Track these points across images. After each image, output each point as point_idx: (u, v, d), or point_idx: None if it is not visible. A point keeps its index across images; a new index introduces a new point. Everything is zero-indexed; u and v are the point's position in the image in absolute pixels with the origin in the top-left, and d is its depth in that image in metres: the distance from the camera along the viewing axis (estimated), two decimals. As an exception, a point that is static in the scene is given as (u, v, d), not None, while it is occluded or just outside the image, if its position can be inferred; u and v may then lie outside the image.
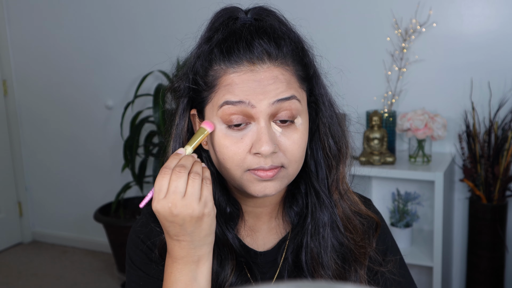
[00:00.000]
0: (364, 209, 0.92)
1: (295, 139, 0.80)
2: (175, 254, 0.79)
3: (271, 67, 0.78)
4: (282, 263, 0.91)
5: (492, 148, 2.28)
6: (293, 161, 0.81)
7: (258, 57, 0.77)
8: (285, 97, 0.78)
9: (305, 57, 0.83)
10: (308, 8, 2.61)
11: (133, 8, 3.07)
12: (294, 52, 0.81)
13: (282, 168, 0.81)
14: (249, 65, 0.77)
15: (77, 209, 3.51)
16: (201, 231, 0.77)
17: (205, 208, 0.76)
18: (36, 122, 3.54)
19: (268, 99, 0.77)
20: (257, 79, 0.77)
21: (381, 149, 2.29)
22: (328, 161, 0.87)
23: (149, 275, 0.89)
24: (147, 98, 2.99)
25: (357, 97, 2.52)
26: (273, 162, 0.79)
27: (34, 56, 3.44)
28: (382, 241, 0.95)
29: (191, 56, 0.85)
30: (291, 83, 0.79)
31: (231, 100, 0.78)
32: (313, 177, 0.88)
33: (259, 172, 0.80)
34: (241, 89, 0.77)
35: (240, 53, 0.77)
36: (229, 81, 0.78)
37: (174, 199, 0.75)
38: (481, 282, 2.30)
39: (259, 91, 0.77)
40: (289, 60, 0.80)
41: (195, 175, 0.76)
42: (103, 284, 3.04)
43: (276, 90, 0.78)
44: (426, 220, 2.52)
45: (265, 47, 0.78)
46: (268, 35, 0.79)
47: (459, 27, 2.38)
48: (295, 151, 0.81)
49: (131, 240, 0.92)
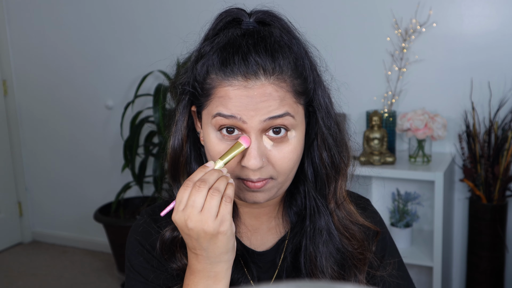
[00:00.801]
0: (361, 220, 0.91)
1: (286, 152, 0.80)
2: (193, 267, 0.80)
3: (265, 83, 0.77)
4: (281, 263, 0.91)
5: (492, 148, 2.27)
6: (282, 173, 0.81)
7: (253, 73, 0.76)
8: (277, 115, 0.77)
9: (305, 70, 0.81)
10: (308, 8, 2.61)
11: (133, 8, 3.07)
12: (292, 65, 0.79)
13: (270, 180, 0.81)
14: (243, 80, 0.77)
15: (77, 209, 3.51)
16: (216, 248, 0.77)
17: (220, 226, 0.75)
18: (36, 122, 3.54)
19: (260, 116, 0.77)
20: (250, 95, 0.76)
21: (381, 149, 2.29)
22: (326, 171, 0.86)
23: (148, 280, 0.88)
24: (147, 98, 2.99)
25: (357, 97, 2.52)
26: (261, 175, 0.80)
27: (34, 56, 3.44)
28: (381, 246, 0.95)
29: (193, 56, 0.85)
30: (286, 99, 0.78)
31: (223, 113, 0.78)
32: (310, 185, 0.87)
33: (247, 182, 0.81)
34: (234, 104, 0.77)
35: (235, 66, 0.77)
36: (223, 93, 0.78)
37: (190, 213, 0.75)
38: (481, 282, 2.30)
39: (251, 107, 0.77)
40: (286, 75, 0.78)
41: (214, 191, 0.75)
42: (103, 284, 3.04)
43: (268, 107, 0.77)
44: (426, 220, 2.52)
45: (261, 63, 0.76)
46: (266, 47, 0.78)
47: (459, 27, 2.38)
48: (285, 164, 0.80)
49: (129, 243, 0.92)
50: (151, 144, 2.90)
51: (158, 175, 2.72)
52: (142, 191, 2.92)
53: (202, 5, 2.91)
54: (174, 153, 0.87)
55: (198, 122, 0.86)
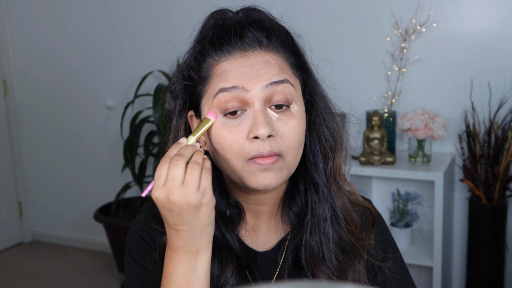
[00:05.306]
0: (361, 200, 0.94)
1: (292, 124, 0.81)
2: (174, 244, 0.79)
3: (262, 52, 0.80)
4: (282, 263, 0.91)
5: (492, 148, 2.28)
6: (291, 148, 0.81)
7: (249, 45, 0.80)
8: (278, 80, 0.80)
9: (295, 47, 0.85)
10: (308, 8, 2.61)
11: (133, 8, 3.07)
12: (284, 42, 0.83)
13: (280, 158, 0.81)
14: (241, 52, 0.79)
15: (77, 209, 3.51)
16: (199, 221, 0.76)
17: (203, 197, 0.75)
18: (36, 122, 3.54)
19: (261, 82, 0.79)
20: (249, 64, 0.79)
21: (381, 149, 2.29)
22: (325, 152, 0.88)
23: (149, 270, 0.89)
24: (147, 98, 3.00)
25: (357, 97, 2.52)
26: (271, 147, 0.79)
27: (34, 56, 3.44)
28: (383, 247, 0.95)
29: (185, 56, 0.87)
30: (283, 67, 0.81)
31: (225, 87, 0.79)
32: (312, 168, 0.88)
33: (258, 159, 0.79)
34: (234, 74, 0.79)
35: (231, 42, 0.79)
36: (222, 69, 0.80)
37: (172, 186, 0.74)
38: (481, 282, 2.30)
39: (252, 75, 0.78)
40: (280, 48, 0.82)
41: (194, 164, 0.75)
42: (103, 284, 3.04)
43: (268, 73, 0.79)
44: (426, 220, 2.53)
45: (256, 35, 0.80)
46: (258, 25, 0.81)
47: (459, 27, 2.38)
48: (293, 136, 0.81)
49: (131, 237, 0.93)
50: (151, 144, 2.91)
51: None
52: (142, 191, 2.92)
53: (202, 5, 2.91)
54: None
55: (194, 126, 0.87)
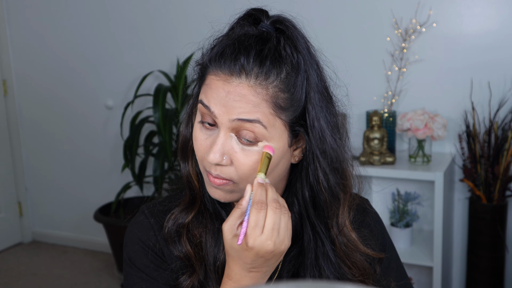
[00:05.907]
0: (362, 248, 0.88)
1: (254, 159, 0.79)
2: (240, 282, 0.78)
3: (244, 84, 0.76)
4: (282, 263, 0.91)
5: (492, 148, 2.28)
6: (244, 179, 0.80)
7: (237, 71, 0.76)
8: (246, 119, 0.76)
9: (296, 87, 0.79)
10: (307, 8, 2.61)
11: (133, 8, 3.07)
12: (282, 78, 0.77)
13: (230, 182, 0.80)
14: (228, 74, 0.77)
15: (77, 209, 3.51)
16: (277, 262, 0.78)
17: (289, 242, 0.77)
18: (36, 122, 3.54)
19: (229, 115, 0.77)
20: (227, 90, 0.77)
21: (381, 149, 2.29)
22: (324, 196, 0.83)
23: (152, 278, 0.88)
24: (147, 98, 2.99)
25: (357, 97, 2.51)
26: (220, 172, 0.80)
27: (34, 56, 3.44)
28: (380, 248, 0.95)
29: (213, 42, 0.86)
30: (260, 107, 0.76)
31: (203, 102, 0.80)
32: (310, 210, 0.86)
33: (209, 175, 0.81)
34: (212, 95, 0.78)
35: (227, 60, 0.78)
36: (208, 81, 0.80)
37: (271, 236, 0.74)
38: (481, 282, 2.30)
39: (224, 103, 0.77)
40: (271, 84, 0.77)
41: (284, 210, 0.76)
42: (103, 284, 3.04)
43: (239, 108, 0.76)
44: (426, 220, 2.52)
45: (246, 64, 0.76)
46: (262, 52, 0.77)
47: (459, 27, 2.38)
48: (251, 170, 0.79)
49: (129, 240, 0.91)
50: (151, 144, 2.90)
51: (158, 175, 2.72)
52: (142, 191, 2.92)
53: (201, 5, 2.92)
54: (184, 138, 0.90)
55: None
